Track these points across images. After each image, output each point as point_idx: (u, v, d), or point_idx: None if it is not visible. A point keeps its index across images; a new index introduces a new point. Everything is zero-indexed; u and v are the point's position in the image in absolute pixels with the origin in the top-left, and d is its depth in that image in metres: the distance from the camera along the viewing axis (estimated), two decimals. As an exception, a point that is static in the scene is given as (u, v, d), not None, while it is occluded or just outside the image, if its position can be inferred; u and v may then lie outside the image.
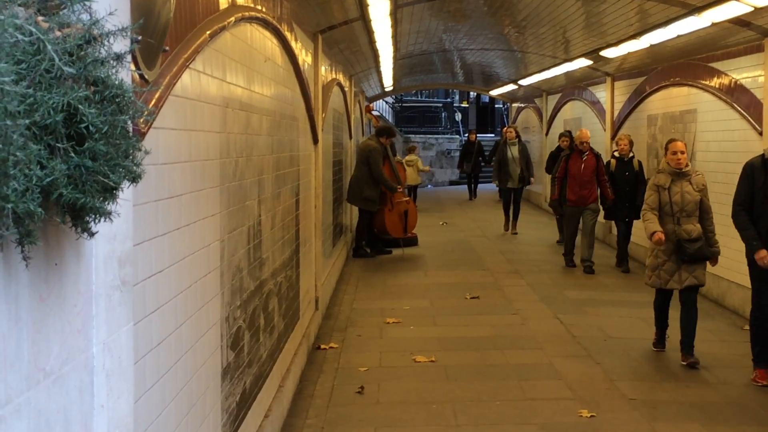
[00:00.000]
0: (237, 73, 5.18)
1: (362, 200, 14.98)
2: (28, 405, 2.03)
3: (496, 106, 46.34)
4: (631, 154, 13.45)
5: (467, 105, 48.38)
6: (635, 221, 13.04)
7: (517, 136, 18.94)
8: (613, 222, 14.73)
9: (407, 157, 22.65)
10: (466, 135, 30.12)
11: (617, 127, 16.50)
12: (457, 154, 35.83)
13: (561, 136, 16.59)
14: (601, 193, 13.65)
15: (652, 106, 14.53)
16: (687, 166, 8.58)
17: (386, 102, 36.78)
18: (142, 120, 2.95)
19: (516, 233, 18.38)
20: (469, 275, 13.37)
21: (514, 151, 18.45)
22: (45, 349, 2.14)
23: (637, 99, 15.24)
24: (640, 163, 13.53)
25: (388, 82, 22.19)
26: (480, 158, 26.80)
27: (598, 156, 13.74)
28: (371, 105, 21.47)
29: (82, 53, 1.95)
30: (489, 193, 26.82)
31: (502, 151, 18.65)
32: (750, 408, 7.20)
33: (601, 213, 13.99)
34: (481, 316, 10.50)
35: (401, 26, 13.34)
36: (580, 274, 13.35)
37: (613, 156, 13.74)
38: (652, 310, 10.74)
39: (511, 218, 18.59)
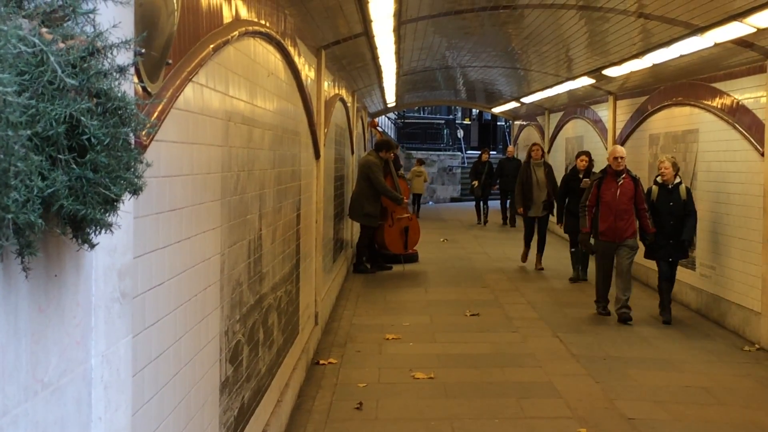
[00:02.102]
0: (240, 87, 5.19)
1: (363, 216, 14.97)
2: (25, 416, 2.03)
3: (499, 123, 46.44)
4: (676, 180, 11.23)
5: (469, 122, 48.46)
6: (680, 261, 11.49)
7: (543, 155, 16.35)
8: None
9: (414, 169, 26.34)
10: (479, 153, 28.08)
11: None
12: (459, 171, 35.88)
13: (579, 155, 14.44)
14: (640, 226, 11.36)
15: (654, 125, 14.54)
16: None
17: (388, 118, 36.83)
18: (144, 132, 2.95)
19: (542, 269, 15.81)
20: (469, 292, 13.35)
21: (539, 174, 15.83)
22: (43, 361, 2.14)
23: (639, 118, 15.25)
24: (688, 190, 11.30)
25: (390, 98, 22.24)
26: (490, 180, 24.33)
27: (636, 180, 11.42)
28: (376, 120, 21.54)
29: (85, 65, 1.95)
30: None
31: (525, 173, 15.95)
32: (749, 428, 7.17)
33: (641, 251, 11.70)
34: (481, 334, 10.48)
35: (404, 42, 13.37)
36: (579, 292, 13.26)
37: (654, 182, 11.50)
38: (652, 329, 10.77)
39: (535, 251, 16.00)
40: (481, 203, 24.78)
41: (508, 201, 23.31)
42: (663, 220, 11.11)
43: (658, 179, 11.35)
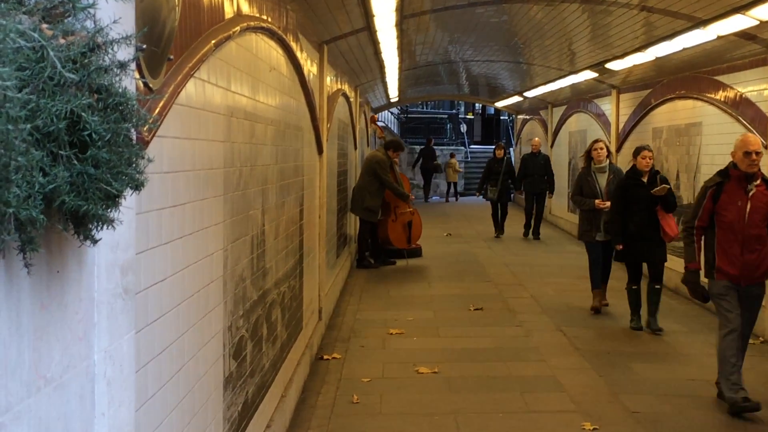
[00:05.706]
0: (242, 83, 5.19)
1: (363, 210, 14.99)
2: (28, 412, 2.03)
3: (502, 117, 46.41)
4: None
5: (472, 116, 48.45)
6: None
7: (609, 156, 11.64)
8: None
9: (449, 161, 32.32)
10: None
11: (622, 139, 16.49)
12: (462, 165, 35.84)
13: (639, 151, 10.20)
14: None
15: (657, 118, 14.51)
16: None
17: (391, 113, 36.81)
18: (145, 128, 2.95)
19: (607, 304, 11.54)
20: (473, 287, 13.34)
21: (602, 183, 11.29)
22: (46, 357, 2.14)
23: (642, 112, 15.23)
24: None
25: (393, 93, 22.21)
26: (509, 180, 20.13)
27: None
28: (375, 116, 21.52)
29: (86, 61, 1.95)
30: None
31: (584, 181, 11.43)
32: (755, 426, 7.17)
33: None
34: (485, 328, 10.48)
35: (407, 37, 13.36)
36: (584, 287, 13.06)
37: None
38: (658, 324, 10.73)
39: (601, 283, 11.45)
40: (498, 209, 20.19)
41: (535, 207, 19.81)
42: None
43: None
